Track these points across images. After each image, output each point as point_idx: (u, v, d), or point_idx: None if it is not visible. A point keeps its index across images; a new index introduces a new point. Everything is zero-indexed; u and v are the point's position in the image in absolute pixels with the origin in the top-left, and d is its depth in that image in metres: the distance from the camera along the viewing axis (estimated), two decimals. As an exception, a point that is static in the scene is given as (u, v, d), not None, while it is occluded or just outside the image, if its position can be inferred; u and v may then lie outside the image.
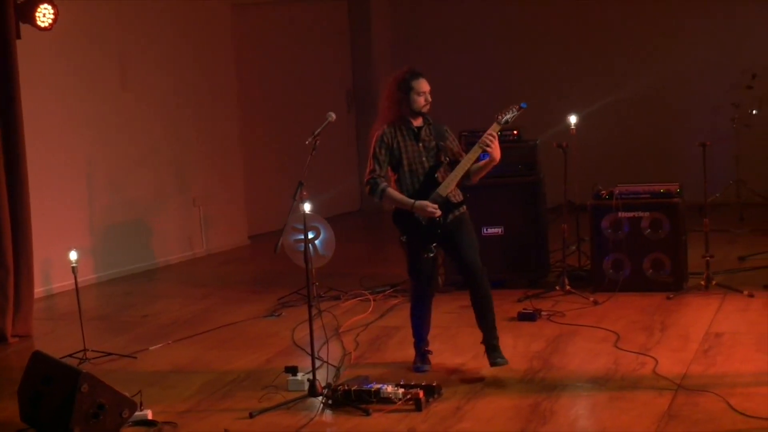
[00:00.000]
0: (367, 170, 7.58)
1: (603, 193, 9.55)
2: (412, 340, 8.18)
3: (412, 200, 7.39)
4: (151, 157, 11.87)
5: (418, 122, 7.53)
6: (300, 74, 13.84)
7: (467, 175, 7.42)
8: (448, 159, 7.48)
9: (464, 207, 7.50)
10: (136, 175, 11.75)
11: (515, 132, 9.89)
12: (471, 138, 9.41)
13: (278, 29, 13.67)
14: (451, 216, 7.40)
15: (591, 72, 13.83)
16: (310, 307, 7.23)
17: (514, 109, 7.42)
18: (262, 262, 11.78)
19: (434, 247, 7.44)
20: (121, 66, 11.58)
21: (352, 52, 14.64)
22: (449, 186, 7.37)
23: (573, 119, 9.77)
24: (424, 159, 7.47)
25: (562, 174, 9.50)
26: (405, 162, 7.50)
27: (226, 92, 12.72)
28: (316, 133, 7.25)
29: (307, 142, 7.22)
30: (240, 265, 12.07)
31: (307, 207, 9.60)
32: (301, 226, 9.49)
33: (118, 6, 11.53)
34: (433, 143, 7.48)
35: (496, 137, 7.30)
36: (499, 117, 7.40)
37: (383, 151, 7.54)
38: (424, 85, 7.47)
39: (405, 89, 7.49)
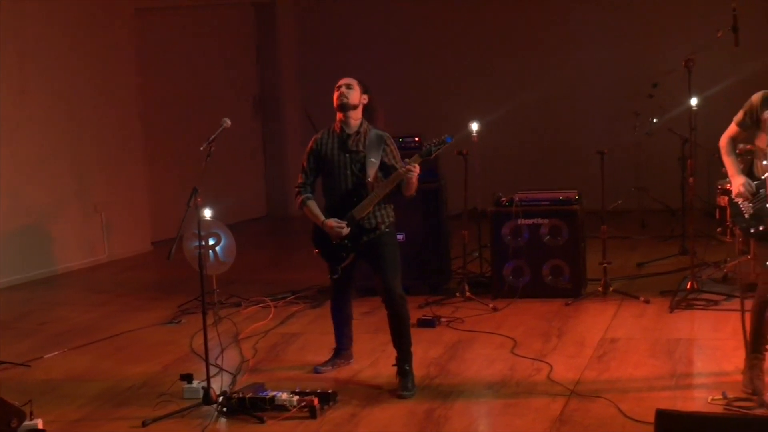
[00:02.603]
0: (296, 181, 7.57)
1: (503, 200, 9.62)
2: (310, 346, 8.22)
3: (323, 218, 7.37)
4: (50, 161, 11.71)
5: (352, 128, 7.45)
6: (205, 79, 13.75)
7: (399, 190, 7.37)
8: (374, 178, 7.36)
9: (385, 227, 7.43)
10: (36, 179, 11.58)
11: (417, 139, 9.91)
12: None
13: (183, 33, 13.57)
14: (365, 238, 7.37)
15: (493, 80, 13.92)
16: (204, 314, 7.19)
17: (438, 142, 7.31)
18: (164, 268, 11.66)
19: (340, 269, 7.46)
20: (21, 67, 11.41)
21: (258, 58, 14.58)
22: (363, 210, 7.34)
23: (475, 126, 9.80)
24: (348, 172, 7.38)
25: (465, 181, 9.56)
26: (330, 172, 7.44)
27: (128, 97, 12.59)
28: (211, 139, 7.20)
29: (201, 149, 7.16)
30: (142, 272, 11.96)
31: (207, 213, 9.63)
32: (202, 233, 9.47)
33: (19, 6, 11.35)
34: (362, 156, 7.37)
35: (417, 168, 7.25)
36: (422, 148, 7.32)
37: (311, 159, 7.51)
38: (340, 80, 7.43)
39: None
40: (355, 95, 7.42)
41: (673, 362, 7.58)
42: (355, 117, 7.44)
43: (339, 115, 7.45)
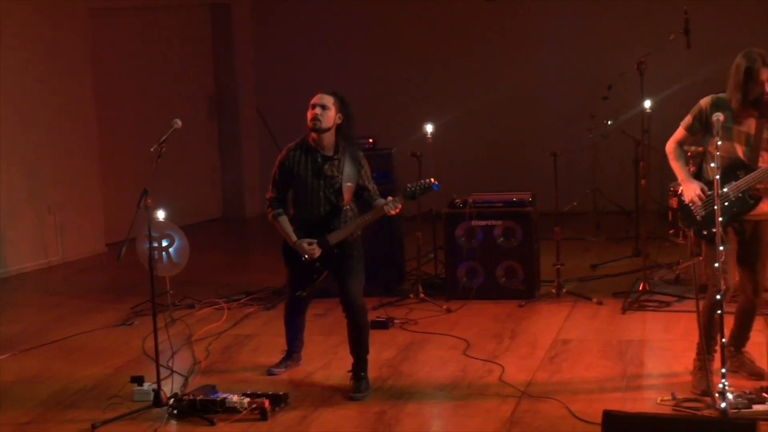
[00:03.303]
0: (268, 192, 7.46)
1: (457, 202, 9.64)
2: (263, 348, 8.19)
3: (294, 238, 7.30)
4: (3, 162, 11.59)
5: (327, 150, 7.29)
6: (161, 80, 13.68)
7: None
8: (348, 205, 7.30)
9: (354, 238, 7.40)
10: (-13, 180, 11.49)
11: (371, 140, 9.92)
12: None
13: (138, 34, 13.49)
14: (336, 251, 7.32)
15: (449, 81, 13.94)
16: (154, 315, 7.15)
17: (423, 186, 7.25)
18: (118, 270, 11.57)
19: (308, 288, 7.48)
20: (-27, 68, 11.34)
21: (214, 59, 14.52)
22: (338, 237, 7.28)
23: (429, 128, 9.81)
24: (321, 195, 7.29)
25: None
26: (302, 192, 7.33)
27: (83, 97, 12.50)
28: (162, 140, 7.15)
29: (152, 150, 7.12)
30: (95, 274, 11.88)
31: (161, 214, 9.60)
32: (155, 234, 9.44)
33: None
34: (338, 183, 7.25)
35: (399, 208, 7.25)
36: (407, 189, 7.28)
37: (282, 173, 7.37)
38: (315, 98, 7.26)
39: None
40: (329, 118, 7.21)
41: (624, 363, 7.62)
42: (329, 138, 7.27)
43: (313, 134, 7.26)
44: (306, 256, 7.28)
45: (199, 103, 14.27)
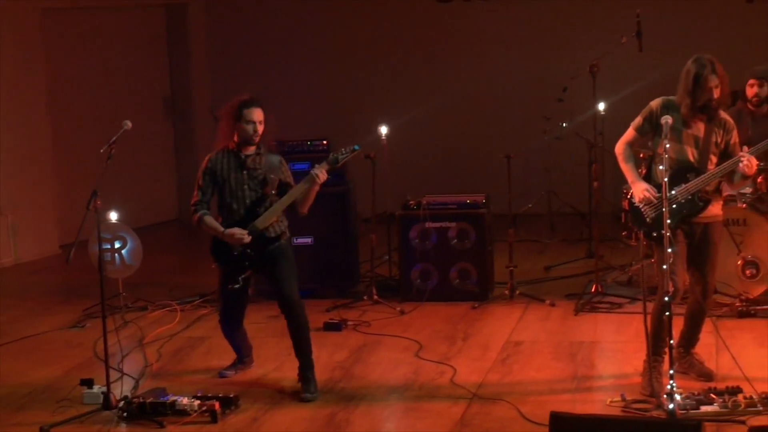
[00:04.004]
0: (192, 198, 7.53)
1: (411, 204, 9.65)
2: (216, 350, 8.17)
3: (222, 229, 7.36)
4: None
5: (248, 150, 7.41)
6: (115, 80, 13.58)
7: (293, 207, 7.39)
8: (275, 192, 7.39)
9: (284, 238, 7.46)
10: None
11: (324, 142, 9.91)
12: (280, 148, 9.43)
13: (92, 35, 13.37)
14: (269, 247, 7.37)
15: (404, 83, 13.92)
16: (104, 318, 7.11)
17: (346, 150, 7.38)
18: (71, 272, 11.42)
19: (242, 279, 7.43)
20: None
21: (169, 60, 14.44)
22: (267, 220, 7.34)
23: (384, 129, 9.81)
24: (246, 188, 7.38)
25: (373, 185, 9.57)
26: (227, 190, 7.42)
27: (35, 98, 12.38)
28: (111, 141, 7.13)
29: (102, 151, 7.09)
30: (48, 275, 11.77)
31: (113, 216, 9.55)
32: (108, 236, 9.40)
33: None
34: (261, 174, 7.38)
35: (325, 174, 7.29)
36: (330, 156, 7.37)
37: (206, 179, 7.47)
38: (255, 115, 7.34)
39: (236, 116, 7.36)
40: (263, 130, 7.41)
41: (575, 365, 7.66)
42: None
43: (238, 142, 7.41)
44: (236, 246, 7.32)
45: (154, 103, 14.18)
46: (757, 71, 9.12)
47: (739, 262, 8.78)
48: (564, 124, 11.99)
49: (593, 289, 9.39)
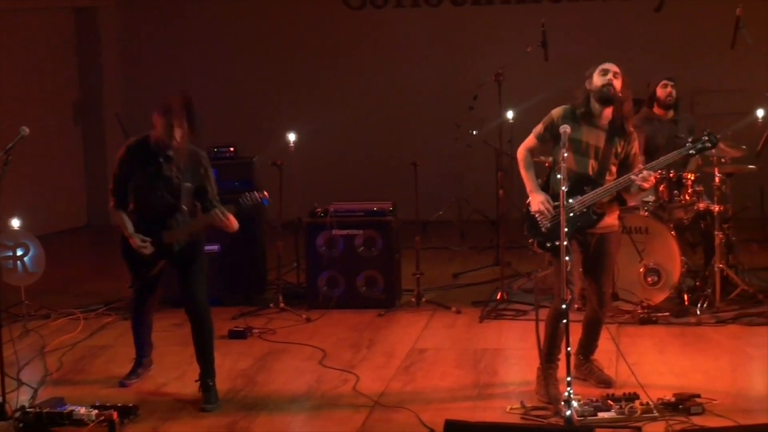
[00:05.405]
0: (110, 184, 7.44)
1: (318, 211, 9.63)
2: (118, 359, 8.07)
3: (130, 231, 7.29)
4: None
5: (168, 151, 7.26)
6: (23, 84, 13.38)
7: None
8: (185, 207, 7.31)
9: (195, 239, 7.40)
10: None
11: (232, 149, 9.87)
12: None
13: (-1, 38, 13.22)
14: (175, 248, 7.31)
15: (314, 89, 13.89)
16: (0, 326, 6.98)
17: (254, 200, 7.37)
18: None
19: (139, 283, 7.44)
20: None
21: (79, 64, 14.28)
22: (173, 238, 7.28)
23: (292, 137, 9.79)
24: (160, 194, 7.28)
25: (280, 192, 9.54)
26: (142, 188, 7.33)
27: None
28: (8, 147, 7.01)
29: (-3, 157, 6.98)
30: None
31: (15, 223, 9.41)
32: (10, 243, 9.27)
33: None
34: (177, 180, 7.26)
35: (230, 217, 7.29)
36: (239, 201, 7.34)
37: (123, 168, 7.37)
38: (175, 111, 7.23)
39: (164, 114, 7.22)
40: (180, 134, 7.26)
41: (478, 372, 7.69)
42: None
43: (158, 132, 7.26)
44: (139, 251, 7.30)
45: (63, 108, 14.01)
46: (668, 74, 9.35)
47: (641, 270, 8.89)
48: (474, 132, 12.04)
49: (499, 297, 9.44)
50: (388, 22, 13.88)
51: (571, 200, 6.77)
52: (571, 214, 6.76)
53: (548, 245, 6.89)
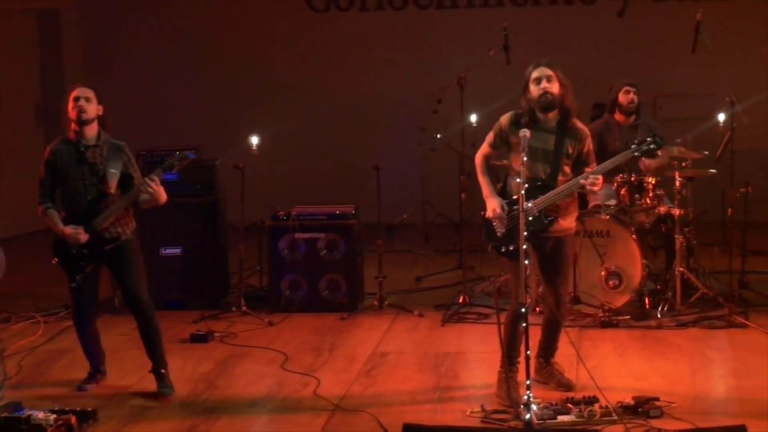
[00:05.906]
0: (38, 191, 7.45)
1: (281, 214, 9.61)
2: (78, 363, 8.03)
3: (62, 227, 7.31)
4: None
5: (88, 139, 7.33)
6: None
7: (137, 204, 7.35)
8: (113, 192, 7.29)
9: (124, 238, 7.38)
10: None
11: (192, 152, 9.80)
12: (149, 157, 9.36)
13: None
14: (105, 247, 7.31)
15: (278, 92, 13.87)
16: (-43, 331, 6.94)
17: (180, 157, 7.38)
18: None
19: (79, 277, 7.36)
20: None
21: (41, 65, 14.19)
22: (104, 222, 7.27)
23: (255, 140, 9.76)
24: (87, 182, 7.31)
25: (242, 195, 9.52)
26: (67, 183, 7.36)
27: None
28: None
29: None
30: None
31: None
32: (-29, 245, 9.17)
33: None
34: (102, 169, 7.29)
35: (157, 181, 7.21)
36: (165, 162, 7.33)
37: (48, 170, 7.42)
38: (76, 92, 7.36)
39: (67, 105, 7.36)
40: (93, 108, 7.35)
41: (439, 375, 7.70)
42: (92, 129, 7.37)
43: (74, 126, 7.34)
44: (72, 245, 7.28)
45: (25, 110, 13.92)
46: (630, 80, 9.39)
47: (602, 273, 8.93)
48: (438, 136, 12.07)
49: (461, 300, 9.46)
50: (353, 25, 13.88)
51: (530, 203, 6.78)
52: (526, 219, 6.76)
53: (503, 250, 6.91)
